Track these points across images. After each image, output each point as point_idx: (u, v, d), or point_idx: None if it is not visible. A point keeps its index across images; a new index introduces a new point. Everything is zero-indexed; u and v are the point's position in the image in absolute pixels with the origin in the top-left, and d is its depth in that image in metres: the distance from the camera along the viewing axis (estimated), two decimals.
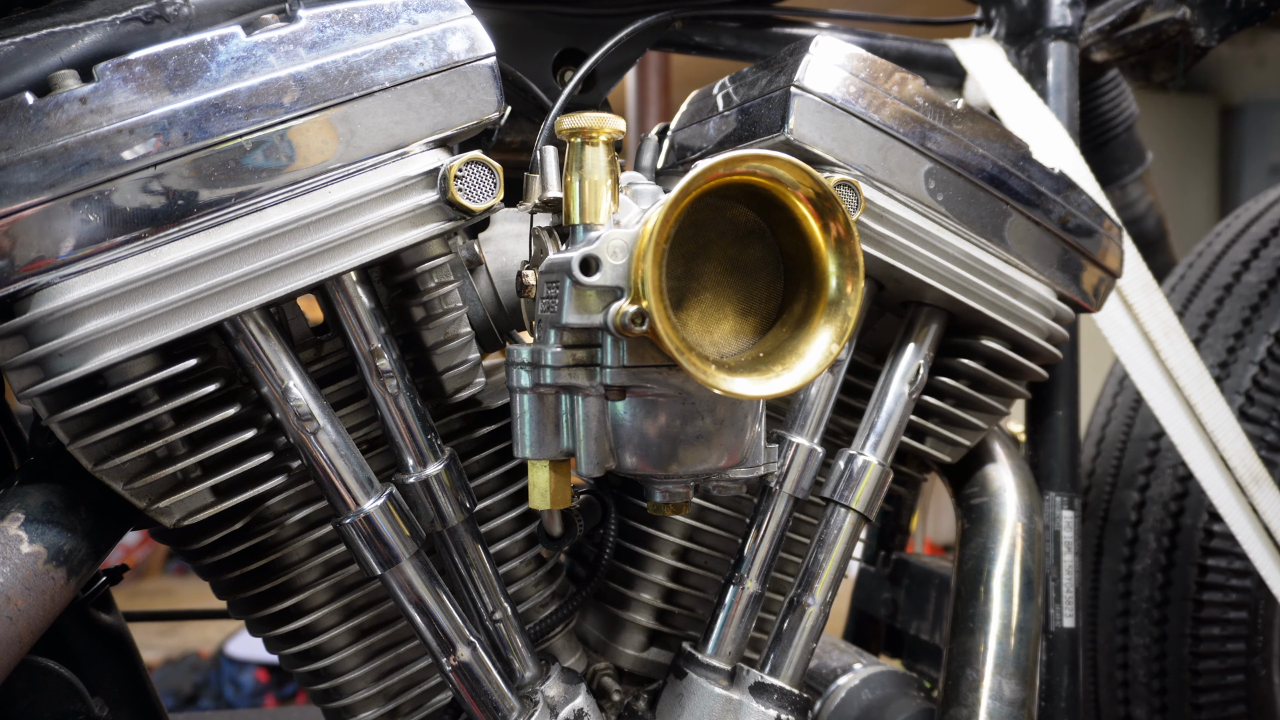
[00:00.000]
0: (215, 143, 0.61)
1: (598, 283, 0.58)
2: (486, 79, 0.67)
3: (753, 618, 0.78)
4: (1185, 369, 1.05)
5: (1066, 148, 1.03)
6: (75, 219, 0.59)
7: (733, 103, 0.80)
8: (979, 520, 0.90)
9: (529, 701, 0.74)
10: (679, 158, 0.86)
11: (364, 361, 0.68)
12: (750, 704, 0.75)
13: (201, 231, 0.61)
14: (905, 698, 0.97)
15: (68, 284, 0.59)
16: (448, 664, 0.70)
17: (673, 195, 0.55)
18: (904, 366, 0.83)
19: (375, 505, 0.67)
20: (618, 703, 0.83)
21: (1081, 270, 0.88)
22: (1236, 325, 1.37)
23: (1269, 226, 1.45)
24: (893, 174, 0.76)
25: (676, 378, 0.62)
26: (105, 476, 0.64)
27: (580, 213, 0.64)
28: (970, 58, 1.11)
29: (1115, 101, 1.38)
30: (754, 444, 0.67)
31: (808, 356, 0.60)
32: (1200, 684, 1.34)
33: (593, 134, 0.64)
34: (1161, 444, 1.40)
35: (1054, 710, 0.99)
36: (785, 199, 0.60)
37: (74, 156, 0.58)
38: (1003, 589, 0.86)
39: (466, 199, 0.65)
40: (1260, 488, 1.05)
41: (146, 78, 0.59)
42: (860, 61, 0.75)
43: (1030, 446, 1.05)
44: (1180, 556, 1.34)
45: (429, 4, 0.66)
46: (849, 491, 0.79)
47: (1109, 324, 1.04)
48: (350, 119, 0.64)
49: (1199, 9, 1.12)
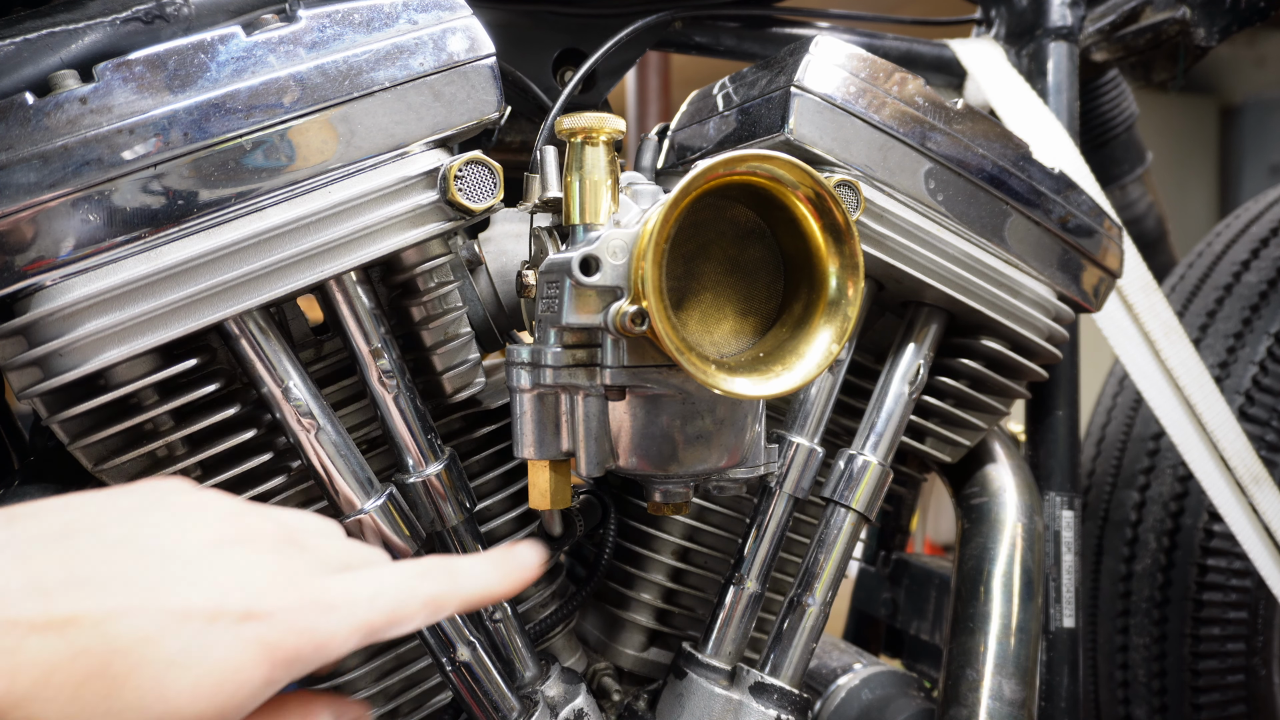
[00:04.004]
0: (215, 143, 0.61)
1: (598, 283, 0.58)
2: (486, 79, 0.67)
3: (753, 618, 0.78)
4: (1185, 369, 1.05)
5: (1066, 148, 1.03)
6: (75, 219, 0.59)
7: (733, 103, 0.80)
8: (979, 520, 0.90)
9: (529, 701, 0.74)
10: (679, 158, 0.86)
11: (364, 361, 0.68)
12: (750, 704, 0.75)
13: (201, 231, 0.61)
14: (905, 698, 0.97)
15: (68, 284, 0.59)
16: (448, 664, 0.70)
17: (673, 195, 0.55)
18: (904, 366, 0.83)
19: (375, 505, 0.67)
20: (618, 703, 0.83)
21: (1081, 270, 0.88)
22: (1236, 325, 1.37)
23: (1269, 226, 1.45)
24: (893, 174, 0.76)
25: (676, 378, 0.62)
26: (105, 476, 0.64)
27: (580, 213, 0.64)
28: (970, 58, 1.11)
29: (1115, 101, 1.38)
30: (754, 444, 0.67)
31: (808, 356, 0.60)
32: (1200, 684, 1.34)
33: (593, 134, 0.64)
34: (1161, 444, 1.40)
35: (1054, 710, 0.99)
36: (785, 199, 0.60)
37: (74, 156, 0.58)
38: (1003, 589, 0.86)
39: (466, 199, 0.65)
40: (1260, 488, 1.05)
41: (146, 78, 0.59)
42: (860, 61, 0.75)
43: (1030, 446, 1.05)
44: (1180, 556, 1.34)
45: (429, 4, 0.66)
46: (849, 491, 0.79)
47: (1109, 324, 1.04)
48: (350, 119, 0.64)
49: (1199, 9, 1.12)
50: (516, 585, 0.54)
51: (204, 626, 0.42)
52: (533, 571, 0.55)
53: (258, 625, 0.43)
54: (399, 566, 0.50)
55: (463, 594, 0.51)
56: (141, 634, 0.40)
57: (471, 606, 0.52)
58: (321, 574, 0.46)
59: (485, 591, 0.52)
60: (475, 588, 0.52)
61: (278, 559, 0.46)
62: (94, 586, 0.41)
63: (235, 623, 0.42)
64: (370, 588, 0.47)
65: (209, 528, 0.46)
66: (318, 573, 0.46)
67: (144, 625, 0.41)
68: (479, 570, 0.53)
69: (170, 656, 0.41)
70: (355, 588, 0.46)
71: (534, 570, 0.55)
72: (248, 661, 0.42)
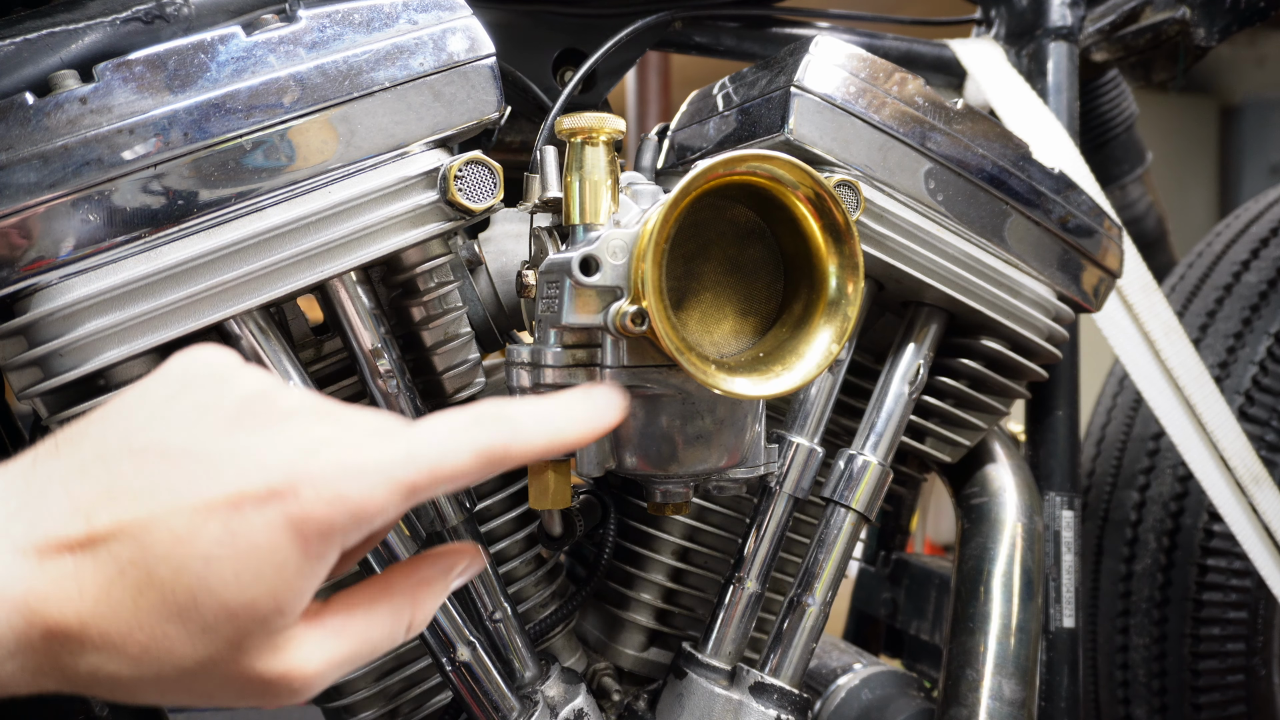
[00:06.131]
0: (215, 143, 0.61)
1: (598, 283, 0.58)
2: (486, 79, 0.67)
3: (753, 618, 0.78)
4: (1185, 369, 1.05)
5: (1066, 148, 1.03)
6: (75, 219, 0.59)
7: (733, 103, 0.80)
8: (979, 520, 0.90)
9: (529, 701, 0.74)
10: (679, 158, 0.86)
11: (364, 361, 0.68)
12: (750, 704, 0.75)
13: (201, 231, 0.61)
14: (905, 698, 0.97)
15: (68, 284, 0.59)
16: (448, 664, 0.70)
17: (673, 195, 0.55)
18: (904, 366, 0.83)
19: None
20: (618, 703, 0.83)
21: (1081, 270, 0.88)
22: (1236, 325, 1.37)
23: (1269, 226, 1.45)
24: (893, 174, 0.76)
25: (676, 378, 0.62)
26: None
27: (580, 213, 0.64)
28: (970, 58, 1.11)
29: (1115, 101, 1.38)
30: (754, 444, 0.67)
31: (808, 356, 0.60)
32: (1200, 684, 1.34)
33: (593, 134, 0.64)
34: (1161, 444, 1.40)
35: (1054, 710, 0.99)
36: (785, 199, 0.60)
37: (74, 156, 0.58)
38: (1003, 589, 0.86)
39: (466, 199, 0.65)
40: (1260, 488, 1.05)
41: (146, 78, 0.59)
42: (860, 61, 0.75)
43: (1030, 446, 1.05)
44: (1180, 556, 1.34)
45: (429, 4, 0.66)
46: (849, 491, 0.79)
47: (1109, 324, 1.04)
48: (350, 119, 0.64)
49: (1199, 9, 1.12)
50: (591, 431, 0.49)
51: (229, 515, 0.41)
52: (613, 415, 0.51)
53: (281, 503, 0.41)
54: (442, 418, 0.46)
55: (524, 442, 0.46)
56: (174, 536, 0.41)
57: (536, 456, 0.47)
58: (349, 440, 0.44)
59: (553, 438, 0.48)
60: (540, 434, 0.47)
61: (301, 432, 0.44)
62: (127, 499, 0.41)
63: (259, 505, 0.41)
64: (405, 445, 0.44)
65: (232, 414, 0.44)
66: (345, 440, 0.44)
67: (175, 527, 0.41)
68: (545, 414, 0.48)
69: (205, 552, 0.41)
70: (387, 447, 0.44)
71: (615, 414, 0.51)
72: (279, 541, 0.41)
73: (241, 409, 0.45)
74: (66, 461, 0.43)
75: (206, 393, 0.45)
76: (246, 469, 0.42)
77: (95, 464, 0.43)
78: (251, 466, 0.42)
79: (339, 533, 0.42)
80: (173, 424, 0.44)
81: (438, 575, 0.50)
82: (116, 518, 0.41)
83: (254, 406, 0.45)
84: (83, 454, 0.43)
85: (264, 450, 0.43)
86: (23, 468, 0.43)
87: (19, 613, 0.39)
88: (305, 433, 0.44)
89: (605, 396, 0.52)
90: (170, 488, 0.42)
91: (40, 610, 0.40)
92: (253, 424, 0.44)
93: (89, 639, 0.40)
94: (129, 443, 0.43)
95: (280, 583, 0.42)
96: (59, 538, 0.40)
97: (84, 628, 0.40)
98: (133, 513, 0.41)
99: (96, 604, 0.40)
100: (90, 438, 0.44)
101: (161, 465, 0.42)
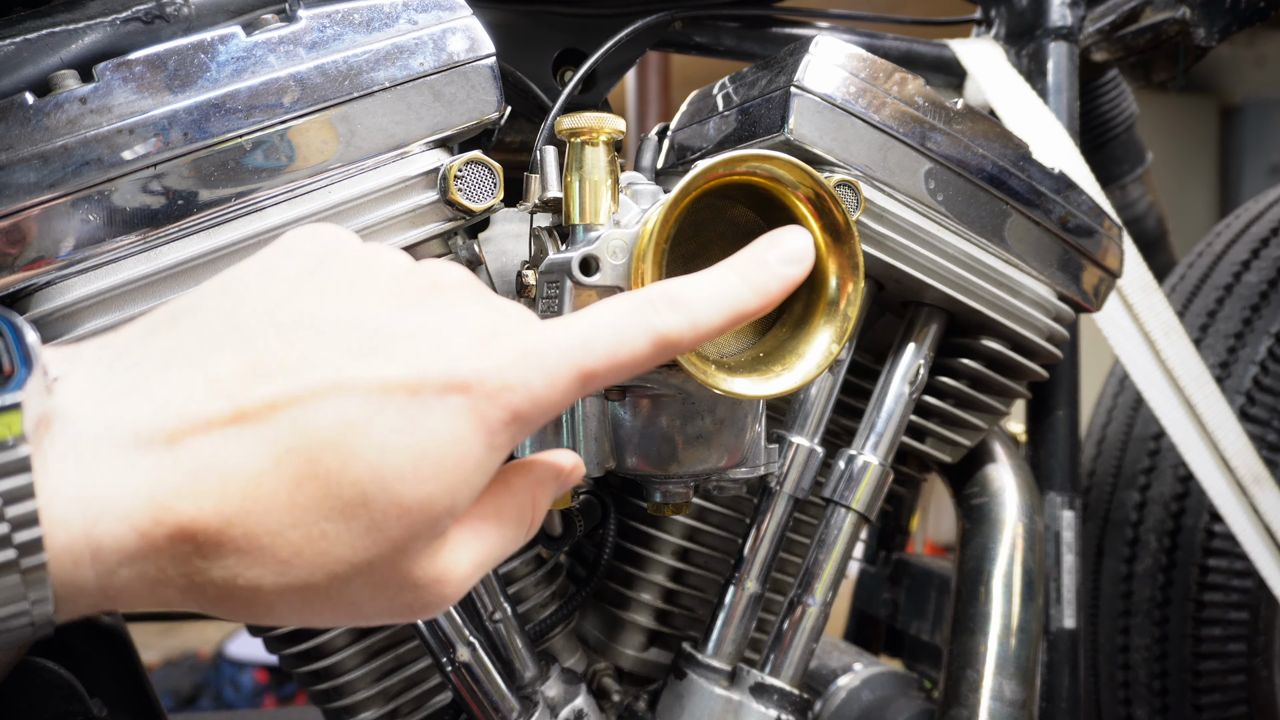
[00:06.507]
0: (215, 143, 0.61)
1: (598, 283, 0.58)
2: (486, 79, 0.67)
3: (753, 618, 0.78)
4: (1185, 369, 1.05)
5: (1066, 148, 1.03)
6: (75, 219, 0.59)
7: (733, 103, 0.80)
8: (979, 520, 0.90)
9: (529, 702, 0.74)
10: (679, 158, 0.86)
11: None
12: (750, 704, 0.75)
13: (201, 231, 0.61)
14: (905, 698, 0.97)
15: (68, 284, 0.59)
16: (447, 664, 0.70)
17: (673, 195, 0.55)
18: (904, 366, 0.83)
19: None
20: (618, 703, 0.83)
21: (1081, 270, 0.88)
22: (1237, 325, 1.37)
23: (1269, 226, 1.45)
24: (893, 174, 0.76)
25: (676, 378, 0.61)
26: None
27: (580, 213, 0.64)
28: (970, 58, 1.11)
29: (1115, 101, 1.38)
30: (754, 444, 0.67)
31: (808, 356, 0.60)
32: (1201, 685, 1.34)
33: (593, 134, 0.64)
34: (1162, 444, 1.39)
35: (1055, 711, 0.99)
36: (785, 199, 0.60)
37: (74, 156, 0.58)
38: (1003, 589, 0.86)
39: (466, 199, 0.65)
40: (1261, 488, 1.05)
41: (146, 78, 0.59)
42: (860, 61, 0.75)
43: (1030, 446, 1.05)
44: (1181, 557, 1.34)
45: (429, 4, 0.66)
46: (849, 492, 0.79)
47: (1109, 324, 1.04)
48: (350, 119, 0.64)
49: (1199, 9, 1.12)
50: (775, 294, 0.46)
51: (408, 401, 0.36)
52: (800, 268, 0.47)
53: (466, 390, 0.37)
54: (615, 302, 0.42)
55: (702, 322, 0.43)
56: (344, 420, 0.35)
57: (718, 331, 0.44)
58: (521, 324, 0.40)
59: (733, 312, 0.44)
60: (719, 311, 0.44)
61: (471, 314, 0.40)
62: (282, 375, 0.35)
63: (440, 393, 0.37)
64: (582, 330, 0.40)
65: (388, 288, 0.39)
66: (517, 323, 0.40)
67: (345, 410, 0.35)
68: (718, 288, 0.44)
69: (382, 441, 0.35)
70: (564, 332, 0.40)
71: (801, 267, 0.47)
72: (464, 432, 0.37)
73: (398, 283, 0.40)
74: (191, 333, 0.36)
75: (353, 266, 0.40)
76: (423, 351, 0.37)
77: (230, 337, 0.36)
78: (428, 348, 0.37)
79: (522, 421, 0.39)
80: (322, 297, 0.38)
81: (550, 476, 0.47)
82: (271, 396, 0.35)
83: (412, 280, 0.40)
84: (210, 326, 0.37)
85: (438, 331, 0.38)
86: (119, 345, 0.37)
87: (144, 511, 0.33)
88: (475, 314, 0.40)
89: (790, 243, 0.48)
90: (335, 364, 0.36)
91: (171, 506, 0.33)
92: (415, 300, 0.39)
93: (230, 540, 0.34)
94: (273, 316, 0.37)
95: (459, 479, 0.37)
96: (194, 419, 0.34)
97: (226, 526, 0.34)
98: (289, 390, 0.35)
99: (244, 498, 0.34)
100: (216, 306, 0.38)
101: (320, 338, 0.36)
